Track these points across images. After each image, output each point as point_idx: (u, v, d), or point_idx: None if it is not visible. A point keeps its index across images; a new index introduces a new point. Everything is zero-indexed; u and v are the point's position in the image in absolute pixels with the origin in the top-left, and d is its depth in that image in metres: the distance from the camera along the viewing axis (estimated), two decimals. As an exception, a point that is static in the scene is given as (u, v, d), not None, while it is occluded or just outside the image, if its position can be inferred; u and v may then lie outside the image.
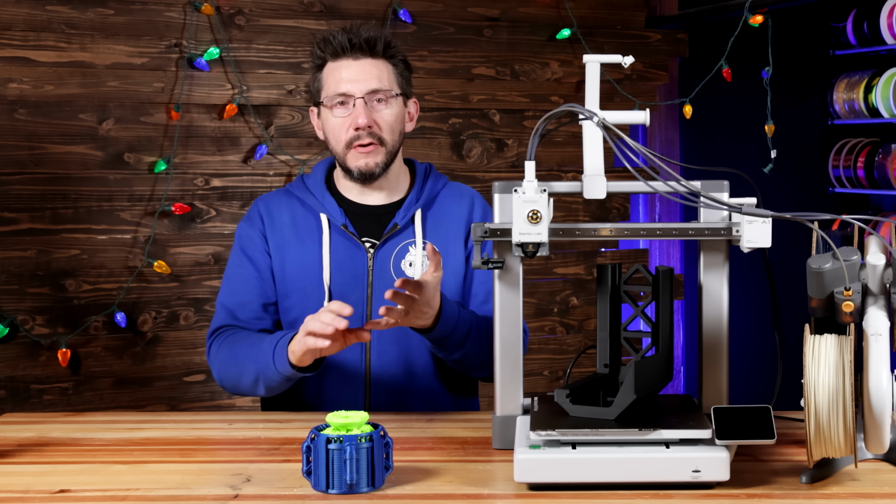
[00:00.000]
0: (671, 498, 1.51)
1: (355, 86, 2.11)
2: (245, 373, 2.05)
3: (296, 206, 2.20)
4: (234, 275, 2.19)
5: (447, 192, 2.24)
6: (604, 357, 1.77)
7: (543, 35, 3.76)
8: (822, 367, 1.51)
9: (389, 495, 1.54)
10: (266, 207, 2.21)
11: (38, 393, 3.20)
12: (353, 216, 2.18)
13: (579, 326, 3.87)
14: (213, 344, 2.15)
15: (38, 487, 1.60)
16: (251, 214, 2.22)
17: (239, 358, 2.06)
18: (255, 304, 2.16)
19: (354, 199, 2.20)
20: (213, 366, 2.14)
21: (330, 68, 2.14)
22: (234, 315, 2.15)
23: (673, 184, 1.61)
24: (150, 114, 3.31)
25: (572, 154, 3.82)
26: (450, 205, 2.22)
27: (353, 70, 2.12)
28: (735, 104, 4.26)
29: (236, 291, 2.17)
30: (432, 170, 2.26)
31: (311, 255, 2.15)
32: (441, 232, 2.18)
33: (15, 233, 3.17)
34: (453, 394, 2.21)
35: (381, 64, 2.14)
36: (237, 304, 2.16)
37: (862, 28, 4.33)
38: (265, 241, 2.18)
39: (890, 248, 1.59)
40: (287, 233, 2.17)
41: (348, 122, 2.12)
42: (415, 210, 2.18)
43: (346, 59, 2.13)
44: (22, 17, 3.15)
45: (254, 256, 2.18)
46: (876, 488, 1.55)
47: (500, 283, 1.74)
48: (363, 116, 2.10)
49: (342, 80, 2.12)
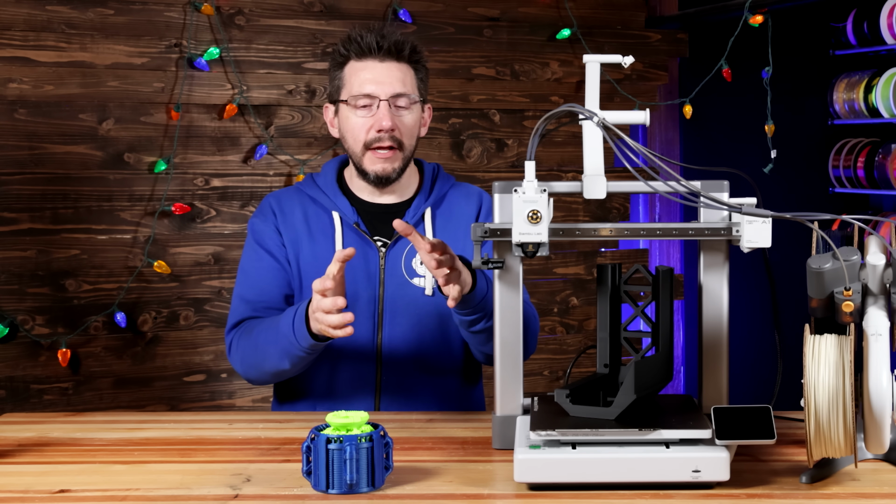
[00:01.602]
0: (671, 498, 1.51)
1: (380, 88, 2.11)
2: (268, 356, 2.05)
3: (307, 204, 2.20)
4: (252, 268, 2.18)
5: (455, 191, 2.25)
6: (604, 357, 1.77)
7: (543, 35, 3.76)
8: (822, 367, 1.51)
9: (389, 495, 1.54)
10: (278, 203, 2.21)
11: (38, 393, 3.20)
12: (364, 215, 2.18)
13: (579, 326, 3.87)
14: (232, 340, 2.15)
15: (38, 487, 1.60)
16: (263, 210, 2.21)
17: (259, 344, 2.06)
18: (276, 296, 2.15)
19: (365, 199, 2.20)
20: (235, 359, 2.14)
21: (354, 67, 2.13)
22: (255, 308, 2.15)
23: (673, 184, 1.61)
24: (150, 114, 3.31)
25: (572, 154, 3.82)
26: (458, 203, 2.23)
27: (379, 72, 2.11)
28: (735, 104, 4.26)
29: (255, 283, 2.16)
30: (440, 170, 2.27)
31: (323, 253, 2.15)
32: (450, 230, 2.19)
33: (15, 233, 3.17)
34: (463, 380, 2.23)
35: (406, 68, 2.14)
36: (258, 295, 2.15)
37: (862, 28, 4.33)
38: (279, 235, 2.17)
39: (890, 248, 1.59)
40: (299, 229, 2.17)
41: (370, 124, 2.11)
42: (424, 209, 2.19)
43: (372, 60, 2.12)
44: (22, 17, 3.15)
45: (271, 249, 2.17)
46: (876, 488, 1.55)
47: (500, 283, 1.74)
48: (387, 119, 2.09)
49: (367, 81, 2.11)
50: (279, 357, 2.03)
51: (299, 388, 2.19)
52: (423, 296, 2.14)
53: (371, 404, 2.15)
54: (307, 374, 2.16)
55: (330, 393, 2.16)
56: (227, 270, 3.42)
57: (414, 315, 2.14)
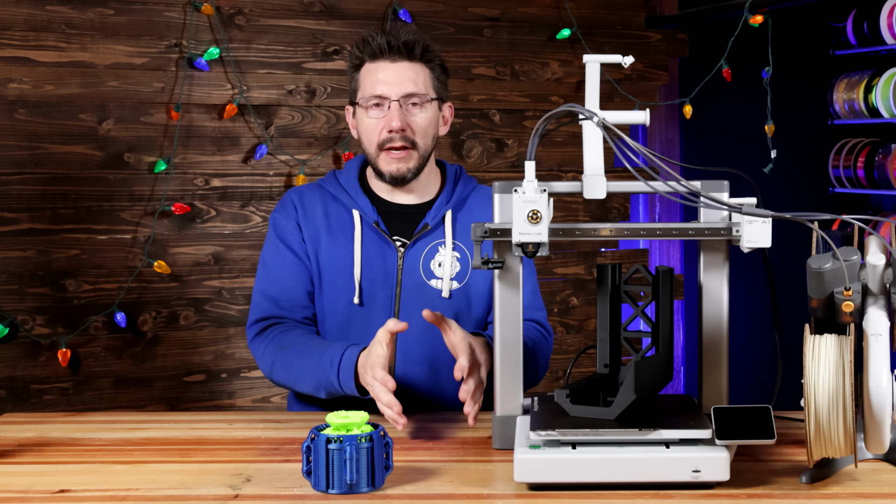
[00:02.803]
0: (671, 498, 1.51)
1: (391, 88, 2.12)
2: (303, 382, 2.05)
3: (328, 201, 2.21)
4: (274, 263, 2.19)
5: (477, 194, 2.26)
6: (604, 357, 1.77)
7: (543, 35, 3.76)
8: (822, 367, 1.51)
9: (389, 495, 1.54)
10: (299, 199, 2.22)
11: (38, 393, 3.20)
12: (384, 214, 2.19)
13: (579, 326, 3.87)
14: (256, 338, 2.15)
15: (38, 487, 1.60)
16: (285, 204, 2.22)
17: (294, 367, 2.06)
18: (299, 292, 2.16)
19: (385, 198, 2.21)
20: (264, 365, 2.14)
21: (367, 69, 2.15)
22: (278, 303, 2.16)
23: (673, 184, 1.62)
24: (150, 114, 3.31)
25: (572, 154, 3.82)
26: (479, 206, 2.23)
27: (390, 72, 2.13)
28: (735, 104, 4.26)
29: (278, 279, 2.17)
30: (462, 172, 2.28)
31: (342, 250, 2.15)
32: (470, 233, 2.19)
33: (15, 233, 3.17)
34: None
35: (419, 67, 2.15)
36: (280, 291, 2.16)
37: (862, 28, 4.33)
38: (300, 230, 2.19)
39: (890, 248, 1.59)
40: (320, 225, 2.18)
41: (382, 124, 2.13)
42: (445, 211, 2.20)
43: (384, 61, 2.14)
44: (22, 17, 3.15)
45: (292, 245, 2.18)
46: (876, 488, 1.55)
47: (500, 283, 1.74)
48: (397, 119, 2.11)
49: (378, 82, 2.13)
50: (316, 388, 2.04)
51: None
52: (439, 297, 2.14)
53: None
54: None
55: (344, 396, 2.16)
56: (227, 270, 3.42)
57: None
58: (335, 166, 3.51)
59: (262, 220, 3.44)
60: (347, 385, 1.95)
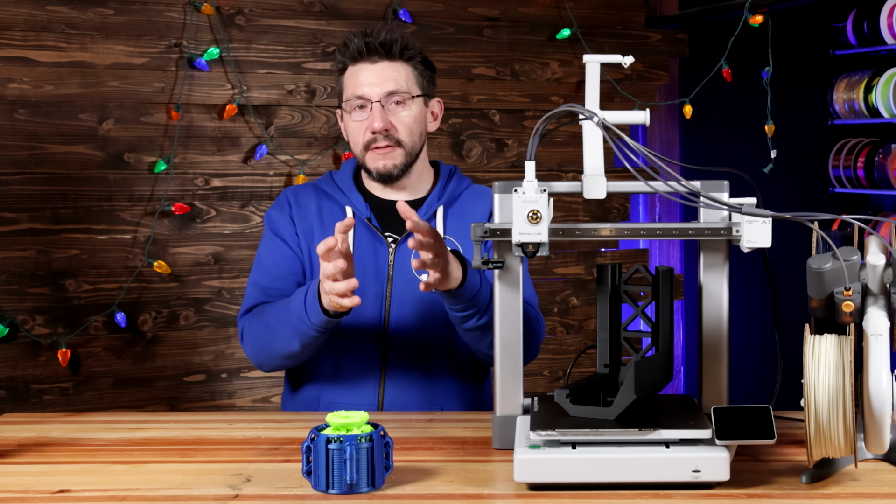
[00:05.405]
0: (671, 498, 1.51)
1: (371, 89, 2.14)
2: (279, 336, 2.07)
3: (323, 198, 2.24)
4: (267, 256, 2.22)
5: (470, 192, 2.27)
6: (604, 357, 1.77)
7: (543, 35, 3.76)
8: (822, 367, 1.51)
9: (389, 495, 1.54)
10: (294, 196, 2.26)
11: (38, 393, 3.20)
12: (377, 212, 2.21)
13: (579, 326, 3.87)
14: (244, 325, 2.17)
15: (38, 487, 1.60)
16: (280, 201, 2.26)
17: (270, 324, 2.09)
18: (289, 281, 2.18)
19: (379, 196, 2.24)
20: (247, 344, 2.17)
21: (350, 72, 2.18)
22: (268, 293, 2.18)
23: (673, 184, 1.61)
24: (150, 114, 3.31)
25: (572, 154, 3.82)
26: (471, 203, 2.25)
27: (370, 73, 2.15)
28: (735, 104, 4.26)
29: (269, 269, 2.20)
30: (456, 171, 2.30)
31: None
32: (462, 229, 2.21)
33: (15, 233, 3.17)
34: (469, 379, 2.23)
35: (399, 66, 2.16)
36: (271, 280, 2.19)
37: (862, 28, 4.33)
38: (293, 225, 2.22)
39: (890, 248, 1.59)
40: (313, 221, 2.21)
41: (365, 126, 2.15)
42: (436, 207, 2.21)
43: (364, 63, 2.16)
44: (22, 17, 3.15)
45: (285, 237, 2.21)
46: (876, 488, 1.55)
47: (500, 283, 1.74)
48: (378, 120, 2.13)
49: (359, 84, 2.15)
50: (290, 337, 2.05)
51: (306, 382, 2.22)
52: (431, 293, 2.14)
53: (374, 399, 2.16)
54: (315, 368, 2.18)
55: (336, 386, 2.17)
56: (226, 270, 3.42)
57: (421, 312, 2.15)
58: (335, 166, 3.51)
59: (261, 220, 3.44)
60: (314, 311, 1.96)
